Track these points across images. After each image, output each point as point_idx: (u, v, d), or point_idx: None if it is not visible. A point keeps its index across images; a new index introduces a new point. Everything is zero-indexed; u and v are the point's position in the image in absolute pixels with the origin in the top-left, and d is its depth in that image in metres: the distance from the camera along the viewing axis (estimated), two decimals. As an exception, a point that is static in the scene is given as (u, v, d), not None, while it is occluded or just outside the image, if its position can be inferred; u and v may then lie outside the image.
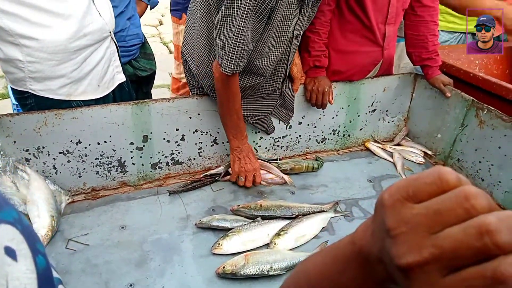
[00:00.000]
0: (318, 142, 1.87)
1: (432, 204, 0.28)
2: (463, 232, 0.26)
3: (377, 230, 0.32)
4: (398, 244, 0.28)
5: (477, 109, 1.64)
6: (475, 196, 0.27)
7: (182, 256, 1.26)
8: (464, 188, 0.27)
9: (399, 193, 0.29)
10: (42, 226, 1.25)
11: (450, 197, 0.27)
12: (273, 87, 1.55)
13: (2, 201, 0.33)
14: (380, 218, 0.31)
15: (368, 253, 0.33)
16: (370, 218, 0.35)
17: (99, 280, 1.16)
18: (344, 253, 0.38)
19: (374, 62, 1.72)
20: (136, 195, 1.52)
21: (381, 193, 0.31)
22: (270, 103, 1.61)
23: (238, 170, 1.51)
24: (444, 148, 1.82)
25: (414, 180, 0.29)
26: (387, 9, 1.56)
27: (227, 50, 1.24)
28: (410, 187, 0.29)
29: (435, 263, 0.27)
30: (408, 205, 0.29)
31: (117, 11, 1.91)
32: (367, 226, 0.35)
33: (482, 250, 0.25)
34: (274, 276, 1.19)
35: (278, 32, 1.33)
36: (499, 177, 1.56)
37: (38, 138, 1.36)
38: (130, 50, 2.09)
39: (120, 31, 1.98)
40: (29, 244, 0.33)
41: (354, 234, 0.37)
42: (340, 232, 1.40)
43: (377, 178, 1.72)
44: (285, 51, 1.45)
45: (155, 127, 1.50)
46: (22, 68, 1.27)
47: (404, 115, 2.01)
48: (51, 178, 1.43)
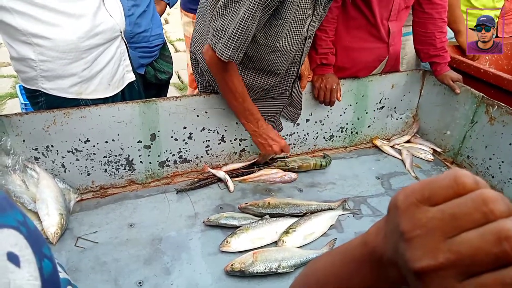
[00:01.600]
0: (325, 139, 1.86)
1: (448, 208, 0.27)
2: (481, 237, 0.25)
3: (391, 232, 0.31)
4: (413, 248, 0.28)
5: (487, 106, 1.62)
6: (494, 200, 0.26)
7: (191, 254, 1.26)
8: (482, 191, 0.26)
9: (414, 195, 0.29)
10: (52, 224, 1.26)
11: (467, 200, 0.26)
12: (284, 87, 1.55)
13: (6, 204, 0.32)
14: (394, 220, 0.30)
15: (381, 255, 0.33)
16: (382, 219, 0.34)
17: (108, 278, 1.16)
18: (355, 254, 0.37)
19: (380, 58, 1.70)
20: (144, 193, 1.53)
21: (395, 195, 0.30)
22: (279, 103, 1.61)
23: (266, 154, 1.52)
24: (453, 145, 1.80)
25: (429, 183, 0.29)
26: (391, 5, 1.55)
27: (226, 35, 1.21)
28: (425, 190, 0.28)
29: (451, 268, 0.26)
30: (423, 208, 0.28)
31: (139, 10, 1.89)
32: (380, 228, 0.34)
33: (501, 256, 0.24)
34: (282, 274, 1.18)
35: (292, 31, 1.32)
36: (510, 174, 1.54)
37: (47, 137, 1.37)
38: (153, 50, 2.06)
39: (144, 32, 1.95)
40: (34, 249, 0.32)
41: (366, 235, 0.36)
42: (348, 229, 1.39)
43: (386, 175, 1.71)
44: (298, 51, 1.44)
45: (163, 126, 1.50)
46: (34, 67, 1.28)
47: (412, 112, 1.99)
48: (60, 176, 1.44)
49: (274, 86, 1.51)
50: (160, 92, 2.29)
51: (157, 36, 2.04)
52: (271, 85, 1.48)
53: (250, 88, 1.48)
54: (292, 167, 1.62)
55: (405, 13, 1.66)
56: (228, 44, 1.22)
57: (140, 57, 1.99)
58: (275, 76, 1.45)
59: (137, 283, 1.15)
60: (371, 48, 1.66)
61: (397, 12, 1.59)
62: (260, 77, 1.44)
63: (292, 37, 1.33)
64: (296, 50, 1.42)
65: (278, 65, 1.40)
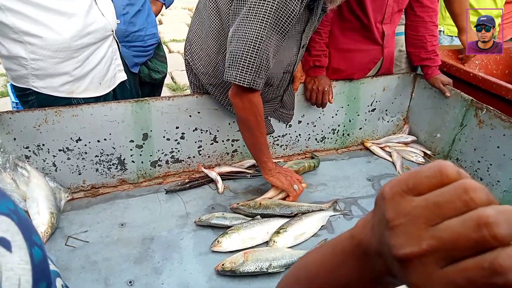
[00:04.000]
0: (317, 141, 1.87)
1: (432, 197, 0.28)
2: (462, 224, 0.26)
3: (377, 223, 0.32)
4: (397, 235, 0.29)
5: (476, 109, 1.64)
6: (474, 189, 0.27)
7: (182, 254, 1.26)
8: (463, 181, 0.28)
9: (399, 186, 0.30)
10: (42, 223, 1.25)
11: (450, 190, 0.27)
12: (275, 94, 1.56)
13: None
14: (380, 211, 0.31)
15: (367, 246, 0.34)
16: (370, 213, 0.35)
17: (99, 277, 1.16)
18: (343, 246, 0.38)
19: (374, 60, 1.72)
20: (135, 193, 1.53)
21: (382, 187, 0.32)
22: (270, 107, 1.62)
23: (289, 183, 1.43)
24: (443, 148, 1.83)
25: (414, 173, 0.30)
26: (384, 9, 1.57)
27: (244, 62, 1.15)
28: (410, 180, 0.30)
29: (433, 254, 0.27)
30: (408, 197, 0.29)
31: (134, 9, 1.89)
32: (367, 221, 0.35)
33: (480, 242, 0.25)
34: (273, 274, 1.19)
35: (289, 42, 1.33)
36: (497, 176, 1.57)
37: (38, 136, 1.36)
38: (148, 50, 2.06)
39: (138, 31, 1.95)
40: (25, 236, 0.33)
41: (354, 229, 0.37)
42: (339, 230, 1.41)
43: (376, 177, 1.73)
44: (292, 61, 1.46)
45: (155, 125, 1.51)
46: (25, 66, 1.27)
47: (403, 115, 2.02)
48: (51, 175, 1.44)
49: (265, 93, 1.52)
50: (154, 91, 2.30)
51: (152, 35, 2.04)
52: (264, 93, 1.49)
53: None
54: None
55: (398, 16, 1.68)
56: (246, 69, 1.16)
57: (134, 56, 1.99)
58: (267, 86, 1.46)
59: (128, 283, 1.15)
60: (366, 50, 1.68)
61: (391, 15, 1.61)
62: None
63: (288, 47, 1.35)
64: (291, 60, 1.43)
65: (273, 76, 1.41)
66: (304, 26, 1.35)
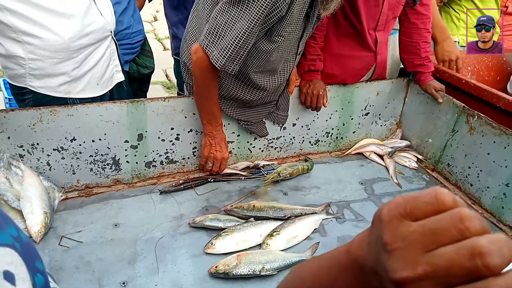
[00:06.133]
0: (311, 144, 1.89)
1: (428, 223, 0.29)
2: (456, 252, 0.27)
3: (374, 242, 0.33)
4: (394, 259, 0.30)
5: (468, 116, 1.67)
6: (469, 218, 0.28)
7: (175, 255, 1.27)
8: (459, 210, 0.29)
9: (397, 209, 0.31)
10: (35, 223, 1.25)
11: (446, 217, 0.29)
12: (271, 98, 1.58)
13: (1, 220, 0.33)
14: (377, 231, 0.32)
15: (363, 263, 0.35)
16: (367, 230, 0.36)
17: (92, 278, 1.16)
18: (339, 261, 0.39)
19: (367, 66, 1.74)
20: (129, 193, 1.53)
21: (380, 208, 0.33)
22: (265, 110, 1.63)
23: (207, 154, 1.54)
24: (434, 153, 1.86)
25: (412, 198, 0.31)
26: (379, 16, 1.59)
27: (222, 42, 1.22)
28: (408, 205, 0.31)
29: (428, 279, 0.28)
30: (405, 222, 0.30)
31: (121, 8, 1.88)
32: (364, 237, 0.36)
33: (473, 270, 0.27)
34: (265, 277, 1.20)
35: (284, 48, 1.35)
36: (487, 182, 1.60)
37: (33, 135, 1.36)
38: (135, 47, 2.06)
39: (126, 29, 1.94)
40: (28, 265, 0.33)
41: (350, 244, 0.38)
42: (331, 234, 1.42)
43: (369, 181, 1.75)
44: (290, 68, 1.48)
45: (150, 126, 1.51)
46: (23, 65, 1.27)
47: (396, 119, 2.04)
48: (45, 174, 1.43)
49: (262, 97, 1.53)
50: (141, 86, 2.30)
51: (138, 32, 2.05)
52: (258, 98, 1.51)
53: (236, 99, 1.51)
54: (285, 176, 1.64)
55: (393, 23, 1.70)
56: (224, 52, 1.23)
57: (123, 54, 1.99)
58: (263, 91, 1.47)
59: (121, 283, 1.15)
60: (359, 56, 1.70)
61: (385, 22, 1.63)
62: (248, 91, 1.47)
63: (285, 56, 1.37)
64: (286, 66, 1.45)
65: (267, 80, 1.43)
66: (301, 33, 1.37)
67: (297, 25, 1.31)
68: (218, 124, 1.52)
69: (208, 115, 1.48)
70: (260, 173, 1.69)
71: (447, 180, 1.79)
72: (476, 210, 1.62)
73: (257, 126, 1.66)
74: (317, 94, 1.65)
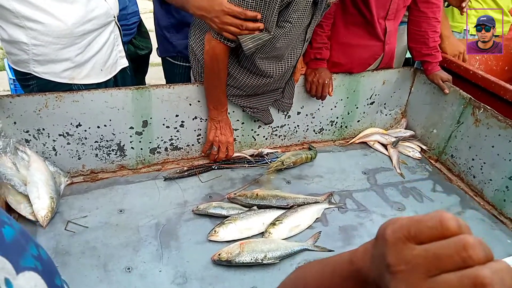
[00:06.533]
0: (315, 132, 1.89)
1: (432, 248, 0.30)
2: (459, 280, 0.28)
3: (377, 257, 0.34)
4: (397, 280, 0.31)
5: (474, 108, 1.66)
6: (473, 246, 0.29)
7: (179, 242, 1.29)
8: (464, 237, 0.29)
9: (402, 232, 0.32)
10: (42, 208, 1.27)
11: (450, 244, 0.29)
12: (277, 86, 1.57)
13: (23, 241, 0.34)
14: (381, 249, 0.33)
15: (367, 275, 0.36)
16: (370, 242, 0.37)
17: (98, 263, 1.19)
18: (342, 269, 0.40)
19: (375, 56, 1.72)
20: (134, 179, 1.54)
21: (384, 226, 0.33)
22: (271, 97, 1.63)
23: (213, 138, 1.56)
24: (439, 144, 1.85)
25: (416, 222, 0.31)
26: (389, 4, 1.56)
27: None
28: (412, 228, 0.31)
29: None
30: (409, 245, 0.31)
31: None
32: (367, 250, 0.37)
33: None
34: (267, 265, 1.23)
35: (291, 35, 1.34)
36: (490, 175, 1.60)
37: (39, 120, 1.37)
38: (131, 28, 2.08)
39: (122, 10, 1.94)
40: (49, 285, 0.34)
41: (354, 254, 0.39)
42: (333, 223, 1.44)
43: (372, 170, 1.75)
44: (297, 55, 1.47)
45: (155, 113, 1.51)
46: (26, 51, 1.26)
47: (401, 109, 2.03)
48: (51, 159, 1.45)
49: (266, 85, 1.53)
50: (140, 67, 2.29)
51: (134, 13, 2.06)
52: (264, 85, 1.51)
53: (242, 87, 1.51)
54: (288, 165, 1.64)
55: (403, 12, 1.67)
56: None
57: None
58: (269, 78, 1.47)
59: (126, 269, 1.18)
60: (367, 45, 1.68)
61: (395, 11, 1.61)
62: (254, 78, 1.47)
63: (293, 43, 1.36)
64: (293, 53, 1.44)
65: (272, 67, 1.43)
66: (309, 20, 1.35)
67: (305, 12, 1.29)
68: (224, 109, 1.54)
69: (214, 102, 1.51)
70: (264, 161, 1.70)
71: (450, 171, 1.79)
72: (478, 202, 1.63)
73: (262, 113, 1.66)
74: (322, 83, 1.64)
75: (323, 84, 1.64)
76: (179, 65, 1.79)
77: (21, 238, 0.34)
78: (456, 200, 1.63)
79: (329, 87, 1.66)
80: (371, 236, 1.36)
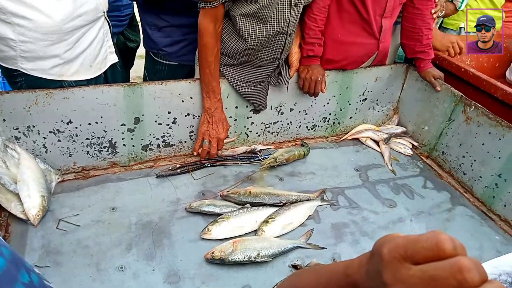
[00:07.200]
0: (308, 128, 1.89)
1: (429, 269, 0.30)
2: None
3: (372, 273, 0.34)
4: None
5: (465, 105, 1.67)
6: (468, 269, 0.29)
7: (172, 240, 1.29)
8: (460, 259, 0.30)
9: (398, 251, 0.32)
10: (33, 206, 1.25)
11: (445, 266, 0.30)
12: (271, 57, 1.54)
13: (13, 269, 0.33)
14: (376, 266, 0.33)
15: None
16: (365, 256, 0.37)
17: (90, 262, 1.18)
18: (338, 280, 0.40)
19: (369, 54, 1.72)
20: (126, 176, 1.53)
21: (380, 244, 0.34)
22: (265, 71, 1.60)
23: (204, 131, 1.56)
24: (430, 140, 1.87)
25: (413, 242, 0.32)
26: (386, 2, 1.56)
27: None
28: (408, 248, 0.32)
29: None
30: (405, 265, 0.31)
31: None
32: (362, 263, 0.37)
33: None
34: (260, 263, 1.23)
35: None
36: (480, 172, 1.62)
37: (28, 117, 1.35)
38: (124, 19, 2.06)
39: (116, 1, 1.92)
40: None
41: (349, 267, 0.39)
42: (325, 220, 1.45)
43: (364, 167, 1.76)
44: (284, 20, 1.44)
45: (147, 110, 1.50)
46: (13, 47, 1.24)
47: (393, 105, 2.04)
48: (41, 157, 1.43)
49: (260, 55, 1.52)
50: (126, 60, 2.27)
51: (128, 5, 2.04)
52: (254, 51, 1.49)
53: (232, 53, 1.50)
54: (281, 162, 1.64)
55: (398, 10, 1.67)
56: None
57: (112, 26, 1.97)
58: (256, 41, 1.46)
59: (119, 268, 1.18)
60: (362, 43, 1.67)
61: (392, 9, 1.60)
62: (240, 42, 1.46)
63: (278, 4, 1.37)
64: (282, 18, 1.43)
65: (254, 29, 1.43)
66: None
67: None
68: (217, 100, 1.52)
69: (206, 87, 1.49)
70: (256, 157, 1.70)
71: (441, 168, 1.81)
72: (468, 198, 1.65)
73: (256, 92, 1.63)
74: (315, 80, 1.64)
75: (316, 81, 1.64)
76: (160, 62, 1.76)
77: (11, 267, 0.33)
78: (447, 197, 1.65)
79: (322, 84, 1.66)
80: (363, 233, 1.38)
